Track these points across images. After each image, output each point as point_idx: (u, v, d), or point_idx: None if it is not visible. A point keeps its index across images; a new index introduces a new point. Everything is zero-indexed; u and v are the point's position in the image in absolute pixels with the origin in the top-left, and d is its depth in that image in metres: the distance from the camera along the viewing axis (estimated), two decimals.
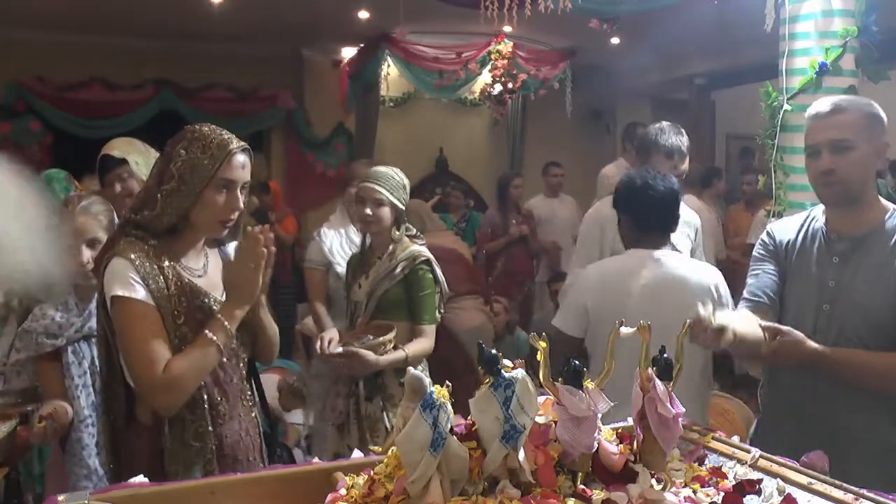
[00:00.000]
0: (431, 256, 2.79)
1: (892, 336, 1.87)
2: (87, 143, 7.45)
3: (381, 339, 2.62)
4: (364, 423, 2.71)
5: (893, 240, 1.92)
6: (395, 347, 2.65)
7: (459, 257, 4.09)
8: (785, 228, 2.12)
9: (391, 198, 2.72)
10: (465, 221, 7.09)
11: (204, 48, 7.53)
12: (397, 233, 2.77)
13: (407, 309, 2.74)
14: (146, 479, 1.37)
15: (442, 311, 2.88)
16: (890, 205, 2.00)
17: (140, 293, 1.77)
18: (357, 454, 1.49)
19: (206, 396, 1.86)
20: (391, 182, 2.75)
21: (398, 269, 2.72)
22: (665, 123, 3.05)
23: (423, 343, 2.72)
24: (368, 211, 2.73)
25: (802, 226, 2.08)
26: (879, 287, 1.89)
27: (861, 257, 1.93)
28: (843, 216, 1.99)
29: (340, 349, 2.63)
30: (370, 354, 2.58)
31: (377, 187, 2.72)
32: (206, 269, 1.94)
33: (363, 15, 6.45)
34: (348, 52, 7.91)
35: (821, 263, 1.98)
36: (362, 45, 7.54)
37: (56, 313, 2.33)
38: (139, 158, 2.78)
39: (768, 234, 2.14)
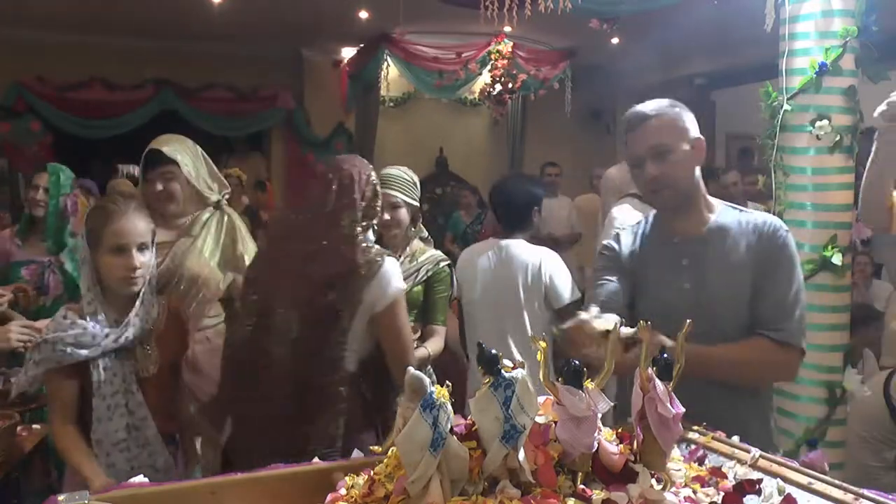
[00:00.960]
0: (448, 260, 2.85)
1: (748, 327, 1.88)
2: (87, 143, 7.50)
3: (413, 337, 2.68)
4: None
5: (731, 234, 1.93)
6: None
7: None
8: (624, 238, 2.10)
9: (405, 199, 2.74)
10: (480, 223, 6.94)
11: (204, 48, 7.53)
12: (413, 229, 2.80)
13: (421, 310, 2.75)
14: (146, 479, 1.37)
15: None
16: (717, 201, 2.02)
17: None
18: (357, 454, 1.49)
19: None
20: (403, 183, 2.77)
21: (423, 271, 2.74)
22: None
23: (438, 342, 2.75)
24: (386, 216, 2.73)
25: (638, 234, 2.08)
26: (734, 280, 1.89)
27: (708, 256, 1.93)
28: (680, 218, 1.98)
29: None
30: None
31: (391, 191, 2.73)
32: None
33: (363, 15, 6.46)
34: (348, 52, 7.92)
35: (672, 268, 1.97)
36: (362, 45, 7.55)
37: (88, 322, 2.02)
38: (188, 160, 2.63)
39: (606, 246, 2.12)
